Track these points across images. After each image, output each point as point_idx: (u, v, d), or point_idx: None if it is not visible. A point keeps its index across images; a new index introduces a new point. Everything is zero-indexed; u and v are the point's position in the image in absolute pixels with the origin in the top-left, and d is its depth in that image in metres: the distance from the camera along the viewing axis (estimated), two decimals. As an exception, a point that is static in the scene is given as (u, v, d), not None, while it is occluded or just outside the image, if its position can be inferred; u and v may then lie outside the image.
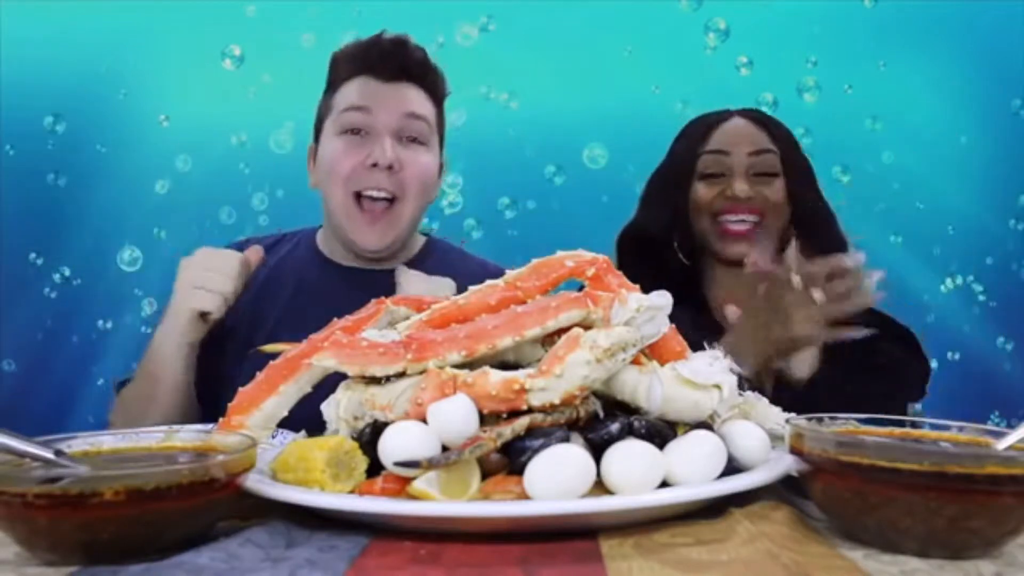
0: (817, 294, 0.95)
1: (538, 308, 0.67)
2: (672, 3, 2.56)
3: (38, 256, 2.51)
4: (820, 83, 2.53)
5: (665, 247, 1.29)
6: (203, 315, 1.11)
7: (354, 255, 1.29)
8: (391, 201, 1.23)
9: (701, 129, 1.29)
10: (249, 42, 2.53)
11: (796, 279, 0.97)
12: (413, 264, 1.32)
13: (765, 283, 1.02)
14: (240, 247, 1.23)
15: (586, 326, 0.65)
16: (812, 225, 1.26)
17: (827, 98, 2.52)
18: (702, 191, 1.27)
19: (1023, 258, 2.54)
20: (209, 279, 1.11)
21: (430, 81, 1.26)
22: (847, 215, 1.33)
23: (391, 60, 1.23)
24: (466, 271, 1.30)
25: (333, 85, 1.27)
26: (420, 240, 1.38)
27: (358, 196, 1.22)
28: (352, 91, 1.23)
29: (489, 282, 0.74)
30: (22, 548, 0.56)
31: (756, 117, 1.29)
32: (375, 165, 1.19)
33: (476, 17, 2.57)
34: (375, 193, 1.21)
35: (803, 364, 1.05)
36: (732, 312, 1.07)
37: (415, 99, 1.24)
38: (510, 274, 0.74)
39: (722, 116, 1.30)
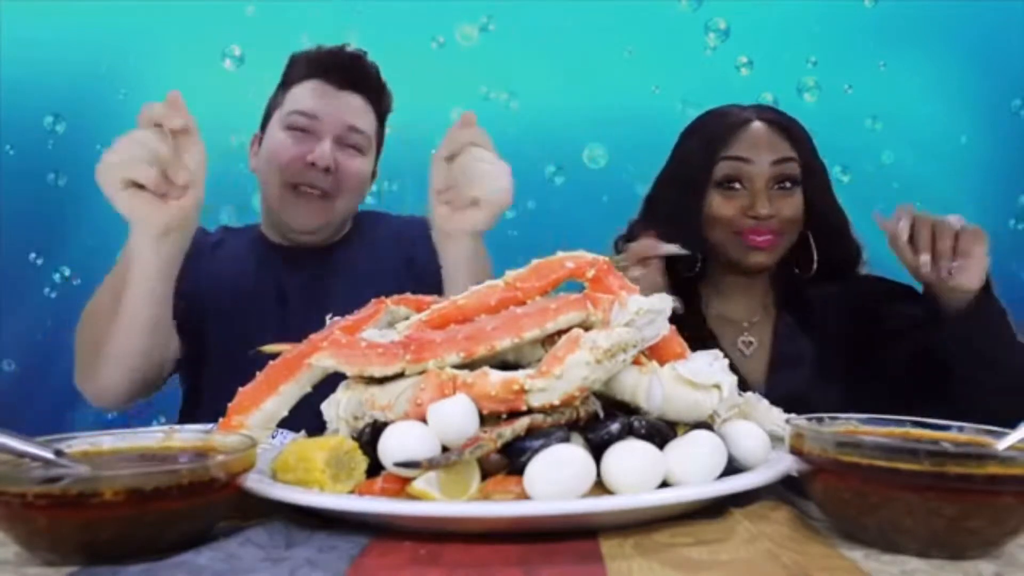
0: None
1: (537, 310, 0.67)
2: (672, 3, 2.56)
3: (38, 256, 2.51)
4: (820, 83, 2.53)
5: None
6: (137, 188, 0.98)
7: (288, 237, 1.39)
8: (325, 194, 1.32)
9: (719, 131, 1.22)
10: (249, 42, 2.53)
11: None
12: (346, 238, 1.43)
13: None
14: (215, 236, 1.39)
15: (586, 328, 0.65)
16: (827, 233, 1.25)
17: (827, 98, 2.52)
18: (721, 204, 1.21)
19: (1023, 258, 2.54)
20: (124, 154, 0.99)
21: (376, 96, 1.38)
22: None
23: (346, 70, 1.34)
24: (389, 230, 1.46)
25: (288, 83, 1.36)
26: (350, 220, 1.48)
27: (295, 187, 1.31)
28: (305, 93, 1.33)
29: (489, 283, 0.74)
30: (22, 548, 0.56)
31: (776, 120, 1.23)
32: (313, 164, 1.29)
33: (476, 17, 2.56)
34: (309, 190, 1.31)
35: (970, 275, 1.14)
36: None
37: (360, 111, 1.35)
38: (510, 274, 0.74)
39: (741, 118, 1.23)
